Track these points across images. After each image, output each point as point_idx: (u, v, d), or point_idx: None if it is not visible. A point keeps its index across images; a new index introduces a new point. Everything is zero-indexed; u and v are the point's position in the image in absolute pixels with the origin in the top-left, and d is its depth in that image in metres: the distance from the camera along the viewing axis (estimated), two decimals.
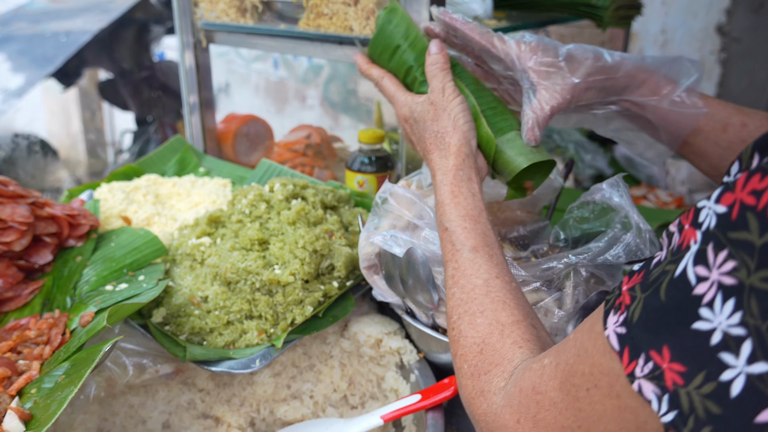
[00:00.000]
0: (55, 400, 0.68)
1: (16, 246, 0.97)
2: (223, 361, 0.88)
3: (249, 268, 0.96)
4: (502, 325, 0.62)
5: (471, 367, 0.62)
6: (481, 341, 0.62)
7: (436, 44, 0.86)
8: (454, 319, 0.67)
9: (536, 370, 0.54)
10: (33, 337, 0.83)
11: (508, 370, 0.59)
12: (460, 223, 0.72)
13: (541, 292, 0.86)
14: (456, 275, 0.69)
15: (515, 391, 0.55)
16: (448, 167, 0.77)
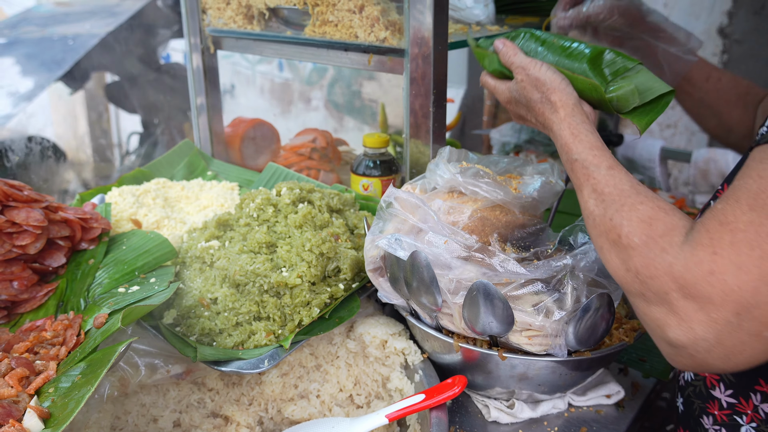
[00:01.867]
0: (72, 399, 0.70)
1: (31, 249, 1.00)
2: (233, 362, 0.91)
3: (257, 270, 0.98)
4: (664, 209, 0.70)
5: (644, 236, 0.68)
6: (648, 218, 0.70)
7: (499, 40, 1.02)
8: (610, 216, 0.73)
9: (714, 214, 0.63)
10: (49, 338, 0.86)
11: (684, 229, 0.66)
12: (589, 152, 0.82)
13: (541, 293, 0.88)
14: (598, 188, 0.78)
15: (701, 234, 0.63)
16: (561, 118, 0.88)
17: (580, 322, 0.85)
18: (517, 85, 0.97)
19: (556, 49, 0.98)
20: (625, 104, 0.90)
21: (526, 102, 0.96)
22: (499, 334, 0.86)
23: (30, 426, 0.68)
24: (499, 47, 1.01)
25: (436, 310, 0.90)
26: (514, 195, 0.99)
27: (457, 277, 0.87)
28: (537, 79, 0.93)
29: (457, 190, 1.03)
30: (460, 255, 0.88)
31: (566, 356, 0.88)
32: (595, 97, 0.92)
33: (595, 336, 0.87)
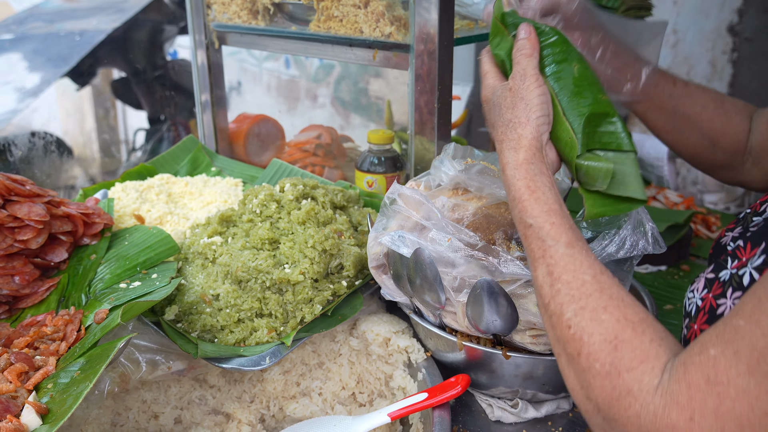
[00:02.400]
0: (71, 394, 0.70)
1: (33, 244, 0.99)
2: (234, 359, 0.90)
3: (260, 266, 0.97)
4: (632, 322, 0.59)
5: (607, 365, 0.58)
6: (613, 338, 0.59)
7: (525, 28, 0.82)
8: (568, 317, 0.63)
9: (703, 363, 0.51)
10: (49, 334, 0.85)
11: (657, 367, 0.55)
12: (546, 218, 0.70)
13: None
14: (555, 271, 0.66)
15: (681, 387, 0.52)
16: (518, 162, 0.75)
17: None
18: (502, 89, 0.82)
19: (568, 79, 0.80)
20: (591, 181, 0.77)
21: (497, 113, 0.81)
22: (502, 333, 0.85)
23: (28, 422, 0.67)
24: (521, 35, 0.82)
25: (440, 308, 0.89)
26: None
27: (460, 275, 0.86)
28: (522, 100, 0.78)
29: (461, 187, 1.02)
30: (463, 253, 0.87)
31: None
32: (565, 153, 0.79)
33: None
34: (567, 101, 0.79)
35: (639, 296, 1.05)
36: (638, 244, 0.84)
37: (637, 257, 0.87)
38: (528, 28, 0.82)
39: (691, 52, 2.52)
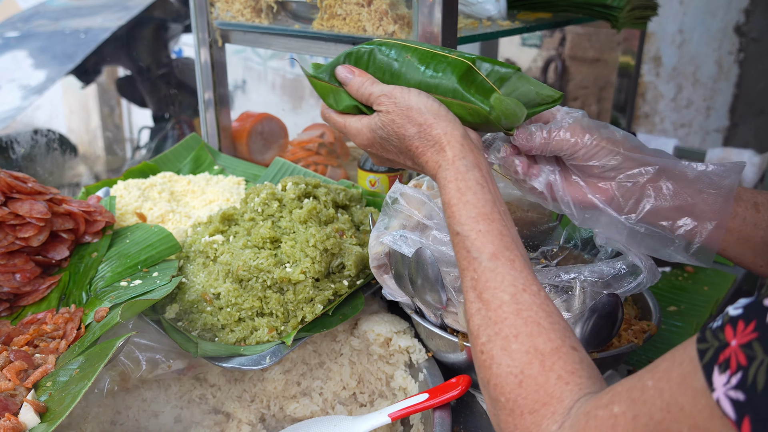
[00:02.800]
0: (69, 393, 0.69)
1: (34, 241, 0.99)
2: (234, 358, 0.90)
3: (261, 266, 0.97)
4: (542, 354, 0.56)
5: (511, 402, 0.56)
6: (520, 372, 0.56)
7: (342, 71, 0.80)
8: (482, 341, 0.60)
9: (604, 419, 0.49)
10: (49, 331, 0.85)
11: (559, 412, 0.53)
12: (473, 225, 0.65)
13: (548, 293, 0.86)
14: (477, 287, 0.63)
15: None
16: (447, 160, 0.70)
17: (587, 323, 0.83)
18: (381, 119, 0.76)
19: (414, 67, 0.78)
20: (514, 119, 0.74)
21: (397, 141, 0.75)
22: None
23: (26, 420, 0.67)
24: (346, 78, 0.79)
25: (441, 308, 0.89)
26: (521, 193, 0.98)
27: None
28: (410, 109, 0.73)
29: None
30: None
31: None
32: (478, 121, 0.76)
33: (603, 337, 0.85)
34: (432, 83, 0.77)
35: (642, 299, 1.04)
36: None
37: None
38: (346, 67, 0.81)
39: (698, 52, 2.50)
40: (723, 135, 2.53)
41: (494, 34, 1.26)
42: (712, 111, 2.52)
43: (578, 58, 2.92)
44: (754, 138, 2.44)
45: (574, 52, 2.92)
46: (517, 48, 3.13)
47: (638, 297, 1.06)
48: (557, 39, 2.96)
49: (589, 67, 2.90)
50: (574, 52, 2.91)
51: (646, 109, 2.87)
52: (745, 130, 2.46)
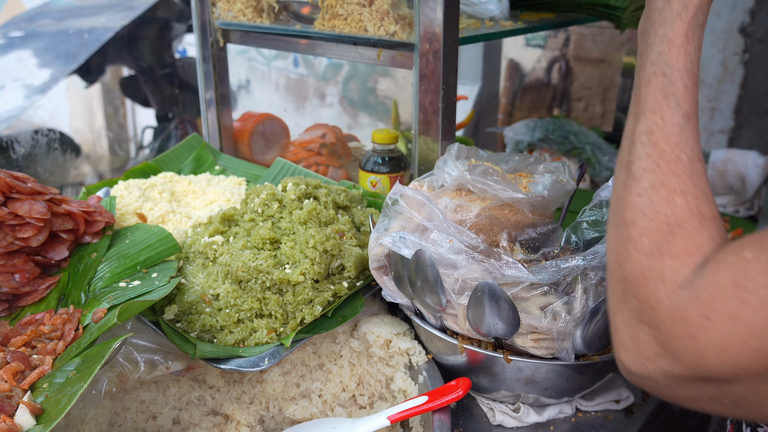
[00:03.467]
0: (65, 395, 0.69)
1: (33, 242, 0.99)
2: (233, 359, 0.89)
3: (260, 267, 0.96)
4: (703, 215, 0.56)
5: (654, 246, 0.56)
6: (675, 223, 0.56)
7: None
8: (644, 185, 0.59)
9: (735, 264, 0.50)
10: (47, 332, 0.85)
11: (697, 262, 0.53)
12: (683, 76, 0.62)
13: (549, 295, 0.86)
14: (656, 134, 0.61)
15: (707, 284, 0.50)
16: (688, 4, 0.64)
17: (588, 325, 0.82)
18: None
19: None
20: None
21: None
22: (504, 336, 0.84)
23: (22, 422, 0.67)
24: None
25: (441, 310, 0.88)
26: (523, 194, 0.97)
27: (462, 277, 0.85)
28: None
29: (465, 188, 1.01)
30: (465, 255, 0.85)
31: (573, 360, 0.86)
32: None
33: (604, 340, 0.84)
34: None
35: None
36: None
37: None
38: None
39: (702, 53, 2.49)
40: (728, 136, 2.52)
41: (496, 34, 1.26)
42: (716, 112, 2.50)
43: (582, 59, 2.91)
44: (759, 139, 2.43)
45: (578, 52, 2.92)
46: (521, 48, 3.13)
47: None
48: (561, 39, 2.95)
49: (593, 68, 2.89)
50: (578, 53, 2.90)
51: None
52: (750, 131, 2.45)
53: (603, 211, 0.99)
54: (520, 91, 3.11)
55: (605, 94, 2.88)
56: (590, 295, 0.84)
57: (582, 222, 0.98)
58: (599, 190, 0.95)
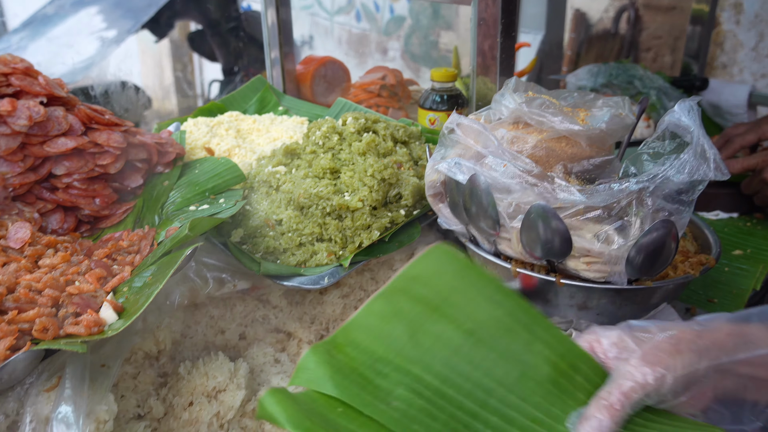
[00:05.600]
0: (143, 295, 0.75)
1: (111, 169, 1.06)
2: (295, 277, 0.94)
3: (320, 193, 1.01)
4: None
5: None
6: None
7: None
8: None
9: None
10: (125, 247, 0.92)
11: None
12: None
13: (603, 220, 0.86)
14: None
15: None
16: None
17: (642, 249, 0.83)
18: None
19: None
20: None
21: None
22: (556, 259, 0.86)
23: (105, 316, 0.73)
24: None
25: (495, 234, 0.90)
26: (580, 126, 0.97)
27: (516, 201, 0.86)
28: None
29: (522, 121, 1.01)
30: (519, 179, 0.87)
31: (626, 285, 0.87)
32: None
33: (657, 264, 0.85)
34: None
35: (703, 235, 1.03)
36: (699, 170, 0.82)
37: (698, 186, 0.85)
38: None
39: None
40: None
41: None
42: None
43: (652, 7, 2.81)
44: None
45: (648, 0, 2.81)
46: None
47: (698, 233, 1.04)
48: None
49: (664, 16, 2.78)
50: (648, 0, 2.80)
51: (723, 59, 2.75)
52: None
53: (666, 143, 0.98)
54: (585, 42, 3.03)
55: (675, 44, 2.78)
56: (645, 219, 0.84)
57: (642, 153, 0.97)
58: (664, 116, 0.93)
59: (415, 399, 0.58)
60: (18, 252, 0.85)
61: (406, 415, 0.57)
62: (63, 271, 0.81)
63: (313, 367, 0.57)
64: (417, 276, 0.64)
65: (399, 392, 0.58)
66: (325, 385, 0.56)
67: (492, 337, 0.63)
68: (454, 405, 0.59)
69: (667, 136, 0.97)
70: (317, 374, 0.56)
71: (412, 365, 0.60)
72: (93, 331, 0.71)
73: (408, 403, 0.57)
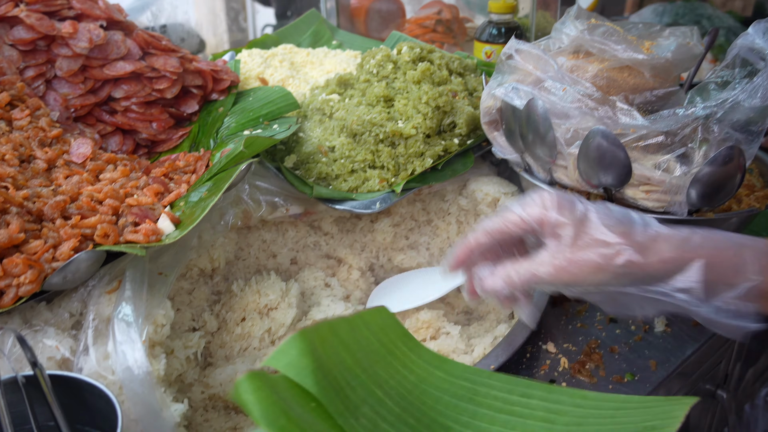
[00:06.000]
0: (199, 207, 0.77)
1: (168, 93, 1.07)
2: (346, 201, 0.95)
3: (374, 120, 1.00)
4: None
5: None
6: None
7: None
8: None
9: None
10: (182, 167, 0.93)
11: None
12: None
13: (664, 147, 0.83)
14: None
15: None
16: None
17: (705, 177, 0.79)
18: None
19: None
20: None
21: None
22: (614, 187, 0.83)
23: (163, 227, 0.75)
24: None
25: (551, 162, 0.88)
26: (645, 55, 0.93)
27: (574, 127, 0.84)
28: None
29: (583, 50, 0.98)
30: (578, 104, 0.84)
31: (686, 215, 0.84)
32: None
33: (720, 195, 0.81)
34: None
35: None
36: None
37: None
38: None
39: None
40: None
41: None
42: None
43: None
44: None
45: None
46: None
47: (765, 171, 1.00)
48: None
49: None
50: None
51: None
52: None
53: (735, 71, 0.93)
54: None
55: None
56: (710, 148, 0.81)
57: (709, 83, 0.93)
58: (735, 40, 0.89)
59: (380, 422, 0.54)
60: (80, 166, 0.87)
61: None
62: (122, 184, 0.83)
63: (296, 355, 0.51)
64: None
65: (364, 410, 0.54)
66: (306, 380, 0.50)
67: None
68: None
69: (738, 64, 0.92)
70: (299, 364, 0.51)
71: (376, 387, 0.56)
72: (151, 239, 0.73)
73: (373, 423, 0.54)
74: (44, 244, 0.67)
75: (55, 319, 0.69)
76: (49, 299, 0.72)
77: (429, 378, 0.61)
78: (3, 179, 0.73)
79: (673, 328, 0.89)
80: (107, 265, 0.73)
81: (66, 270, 0.65)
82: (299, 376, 0.50)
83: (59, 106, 1.00)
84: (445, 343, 0.87)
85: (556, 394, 0.61)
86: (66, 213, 0.74)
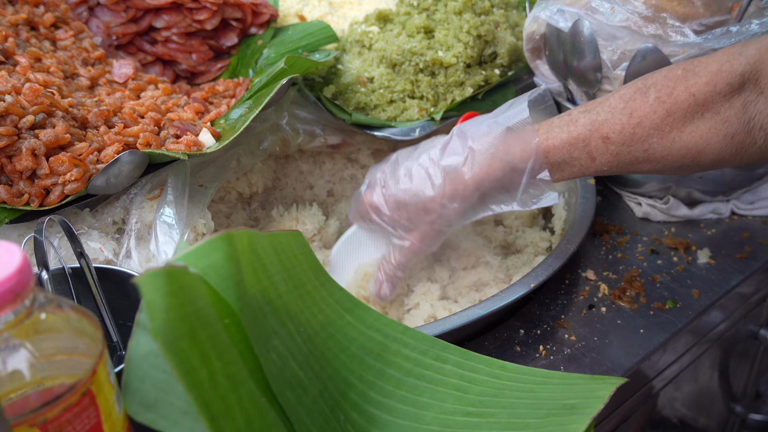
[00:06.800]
0: (239, 122, 0.77)
1: (207, 25, 1.07)
2: (385, 128, 0.94)
3: (414, 49, 0.98)
4: None
5: None
6: None
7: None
8: None
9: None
10: (221, 91, 0.93)
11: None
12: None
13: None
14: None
15: None
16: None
17: None
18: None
19: None
20: None
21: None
22: None
23: (204, 140, 0.75)
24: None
25: (596, 84, 0.86)
26: None
27: (621, 48, 0.82)
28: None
29: None
30: (627, 22, 0.82)
31: None
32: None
33: None
34: None
35: None
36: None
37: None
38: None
39: None
40: None
41: None
42: None
43: None
44: None
45: None
46: None
47: None
48: None
49: None
50: None
51: None
52: None
53: None
54: None
55: None
56: None
57: (765, 8, 0.90)
58: None
59: (290, 360, 0.48)
60: (122, 86, 0.88)
61: (282, 374, 0.46)
62: (164, 101, 0.83)
63: (221, 259, 0.43)
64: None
65: (275, 343, 0.47)
66: (228, 291, 0.43)
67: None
68: (321, 383, 0.50)
69: None
70: (222, 271, 0.43)
71: (288, 319, 0.50)
72: (192, 149, 0.73)
73: (283, 360, 0.47)
74: (89, 146, 0.68)
75: (99, 224, 0.70)
76: (92, 206, 0.73)
77: (338, 321, 0.56)
78: (49, 86, 0.74)
79: (717, 260, 0.87)
80: (149, 174, 0.73)
81: (109, 172, 0.65)
82: (221, 284, 0.42)
83: (101, 32, 1.01)
84: (485, 272, 0.86)
85: (473, 362, 0.58)
86: (109, 122, 0.75)
